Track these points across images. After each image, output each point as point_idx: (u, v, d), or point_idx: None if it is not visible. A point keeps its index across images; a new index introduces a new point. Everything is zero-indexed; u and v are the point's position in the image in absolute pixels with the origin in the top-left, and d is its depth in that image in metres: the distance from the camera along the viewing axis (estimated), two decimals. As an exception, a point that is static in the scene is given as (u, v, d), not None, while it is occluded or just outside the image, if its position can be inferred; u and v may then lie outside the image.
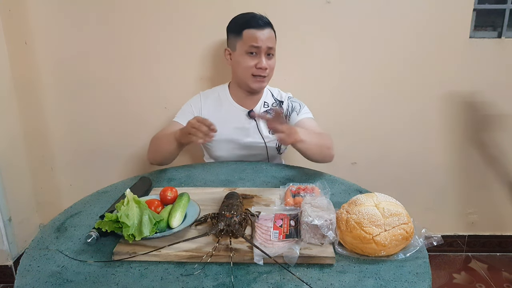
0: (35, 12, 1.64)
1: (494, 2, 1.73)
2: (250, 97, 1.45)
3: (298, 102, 1.47)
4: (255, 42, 1.32)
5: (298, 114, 1.42)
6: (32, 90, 1.72)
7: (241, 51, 1.35)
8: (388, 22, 1.65)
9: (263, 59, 1.34)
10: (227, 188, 1.12)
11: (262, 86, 1.40)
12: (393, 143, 1.82)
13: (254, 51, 1.34)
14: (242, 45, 1.35)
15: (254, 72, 1.36)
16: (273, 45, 1.36)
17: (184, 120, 1.40)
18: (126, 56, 1.70)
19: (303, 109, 1.44)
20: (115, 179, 1.24)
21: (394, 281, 0.73)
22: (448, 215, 1.95)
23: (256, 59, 1.35)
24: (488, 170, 1.86)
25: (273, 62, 1.39)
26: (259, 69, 1.35)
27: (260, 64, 1.34)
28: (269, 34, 1.35)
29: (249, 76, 1.37)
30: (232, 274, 0.75)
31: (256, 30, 1.32)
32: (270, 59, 1.37)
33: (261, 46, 1.32)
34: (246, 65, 1.35)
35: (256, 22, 1.33)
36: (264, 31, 1.33)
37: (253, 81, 1.37)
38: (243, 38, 1.34)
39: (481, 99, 1.76)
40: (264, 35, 1.33)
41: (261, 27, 1.33)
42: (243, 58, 1.35)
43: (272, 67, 1.39)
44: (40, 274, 0.76)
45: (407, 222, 0.81)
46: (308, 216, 0.81)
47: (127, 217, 0.80)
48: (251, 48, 1.33)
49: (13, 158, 1.68)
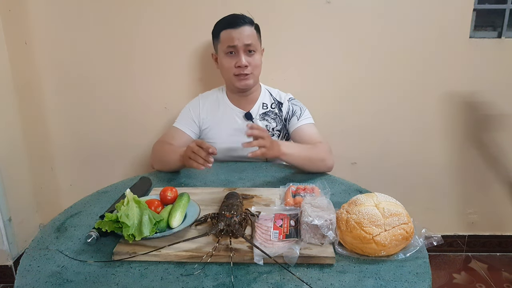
0: (35, 12, 1.64)
1: (494, 2, 1.72)
2: (245, 98, 1.45)
3: (299, 105, 1.44)
4: (231, 42, 1.32)
5: (299, 119, 1.40)
6: (32, 90, 1.72)
7: (221, 53, 1.37)
8: (388, 22, 1.65)
9: (242, 57, 1.33)
10: (227, 188, 1.12)
11: (248, 84, 1.38)
12: (393, 143, 1.82)
13: (232, 51, 1.34)
14: (221, 47, 1.36)
15: (235, 72, 1.35)
16: (252, 41, 1.33)
17: (183, 126, 1.42)
18: (126, 56, 1.70)
19: (304, 113, 1.42)
20: (115, 179, 1.24)
21: (394, 281, 0.73)
22: (448, 215, 1.95)
23: (235, 58, 1.34)
24: (488, 170, 1.86)
25: (256, 59, 1.37)
26: (239, 67, 1.34)
27: (240, 62, 1.33)
28: (247, 32, 1.33)
29: (232, 77, 1.37)
30: (232, 274, 0.75)
31: (232, 29, 1.32)
32: (251, 56, 1.35)
33: (237, 45, 1.32)
34: (227, 65, 1.36)
35: (233, 22, 1.33)
36: (240, 29, 1.32)
37: (237, 80, 1.37)
38: (221, 40, 1.35)
39: (481, 99, 1.76)
40: (240, 33, 1.31)
41: (237, 25, 1.32)
42: (224, 59, 1.36)
43: (254, 64, 1.37)
44: (40, 274, 0.76)
45: (407, 222, 0.81)
46: (308, 216, 0.81)
47: (127, 217, 0.80)
48: (228, 48, 1.33)
49: (13, 158, 1.68)
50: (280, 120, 1.44)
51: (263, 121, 1.43)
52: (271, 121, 1.43)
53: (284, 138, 1.45)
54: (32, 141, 1.76)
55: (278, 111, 1.45)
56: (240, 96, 1.44)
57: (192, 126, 1.44)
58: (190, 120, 1.44)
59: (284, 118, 1.44)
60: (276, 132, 1.44)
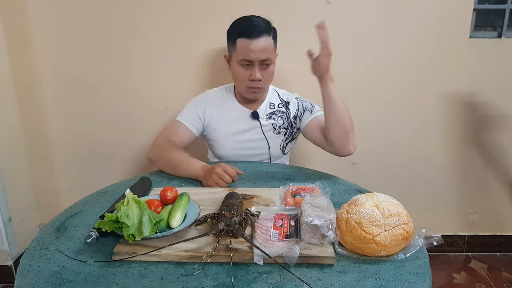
0: (35, 12, 1.64)
1: (494, 2, 1.73)
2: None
3: (308, 101, 1.45)
4: (247, 55, 1.28)
5: (312, 113, 1.39)
6: (32, 90, 1.72)
7: (235, 62, 1.34)
8: (388, 22, 1.65)
9: (256, 71, 1.31)
10: (227, 188, 1.12)
11: (257, 97, 1.39)
12: (393, 143, 1.82)
13: (247, 63, 1.31)
14: (236, 55, 1.32)
15: (249, 84, 1.34)
16: (268, 56, 1.30)
17: (187, 121, 1.40)
18: (126, 55, 1.70)
19: (315, 107, 1.42)
20: (115, 179, 1.24)
21: (394, 281, 0.73)
22: (448, 215, 1.95)
23: (249, 71, 1.32)
24: (488, 170, 1.86)
25: (270, 71, 1.35)
26: (252, 81, 1.32)
27: (254, 76, 1.31)
28: (264, 44, 1.28)
29: (245, 88, 1.36)
30: (232, 274, 0.75)
31: (249, 40, 1.27)
32: (265, 69, 1.33)
33: (254, 59, 1.29)
34: (241, 76, 1.34)
35: (250, 30, 1.27)
36: (258, 40, 1.27)
37: (248, 93, 1.37)
38: (237, 49, 1.31)
39: (481, 99, 1.76)
40: (257, 46, 1.27)
41: (255, 36, 1.27)
42: (238, 68, 1.33)
43: (268, 77, 1.36)
44: (40, 274, 0.76)
45: (407, 222, 0.81)
46: (308, 216, 0.81)
47: (127, 217, 0.80)
48: (243, 61, 1.31)
49: (13, 158, 1.68)
50: (287, 118, 1.43)
51: (270, 120, 1.43)
52: (278, 119, 1.43)
53: (291, 136, 1.45)
54: (32, 141, 1.76)
55: (285, 109, 1.44)
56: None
57: (197, 122, 1.41)
58: (195, 116, 1.42)
59: (293, 116, 1.43)
60: (283, 130, 1.43)
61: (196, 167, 1.21)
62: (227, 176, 1.14)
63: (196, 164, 1.23)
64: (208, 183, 1.15)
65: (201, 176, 1.19)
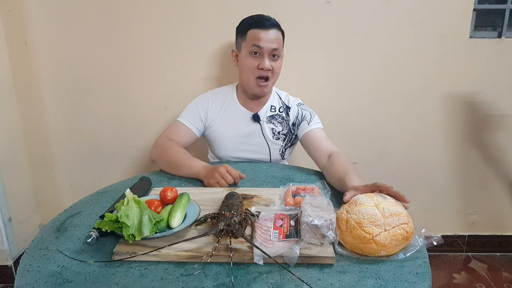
0: (35, 12, 1.64)
1: (494, 2, 1.72)
2: (256, 100, 1.44)
3: (308, 110, 1.44)
4: (258, 41, 1.30)
5: (309, 124, 1.39)
6: (32, 90, 1.72)
7: (245, 52, 1.34)
8: (388, 22, 1.65)
9: (265, 59, 1.32)
10: (227, 188, 1.12)
11: (264, 91, 1.39)
12: (393, 143, 1.82)
13: (257, 51, 1.32)
14: (245, 45, 1.34)
15: (257, 74, 1.34)
16: (278, 47, 1.33)
17: (189, 122, 1.41)
18: (126, 56, 1.70)
19: (314, 118, 1.41)
20: (115, 179, 1.24)
21: (394, 281, 0.73)
22: (448, 215, 1.95)
23: (259, 60, 1.32)
24: (488, 170, 1.86)
25: (278, 64, 1.36)
26: (261, 69, 1.32)
27: (263, 64, 1.31)
28: (275, 36, 1.32)
29: (253, 80, 1.35)
30: (232, 274, 0.75)
31: (260, 30, 1.30)
32: (274, 61, 1.34)
33: (264, 47, 1.30)
34: (249, 65, 1.33)
35: (262, 22, 1.31)
36: (269, 31, 1.30)
37: (256, 86, 1.36)
38: (247, 38, 1.33)
39: (481, 99, 1.76)
40: (269, 36, 1.30)
41: (266, 27, 1.30)
42: (247, 58, 1.34)
43: (276, 70, 1.36)
44: (40, 274, 0.76)
45: (407, 222, 0.81)
46: (308, 216, 0.81)
47: (127, 217, 0.80)
48: (253, 47, 1.31)
49: (13, 158, 1.68)
50: (286, 125, 1.43)
51: (270, 124, 1.43)
52: (278, 124, 1.43)
53: (290, 142, 1.45)
54: (32, 141, 1.76)
55: (285, 115, 1.44)
56: (252, 98, 1.43)
57: (198, 123, 1.42)
58: (197, 117, 1.42)
59: (292, 123, 1.43)
60: (282, 136, 1.44)
61: (197, 166, 1.21)
62: (229, 177, 1.14)
63: (197, 163, 1.23)
64: (210, 181, 1.15)
65: (203, 175, 1.19)
